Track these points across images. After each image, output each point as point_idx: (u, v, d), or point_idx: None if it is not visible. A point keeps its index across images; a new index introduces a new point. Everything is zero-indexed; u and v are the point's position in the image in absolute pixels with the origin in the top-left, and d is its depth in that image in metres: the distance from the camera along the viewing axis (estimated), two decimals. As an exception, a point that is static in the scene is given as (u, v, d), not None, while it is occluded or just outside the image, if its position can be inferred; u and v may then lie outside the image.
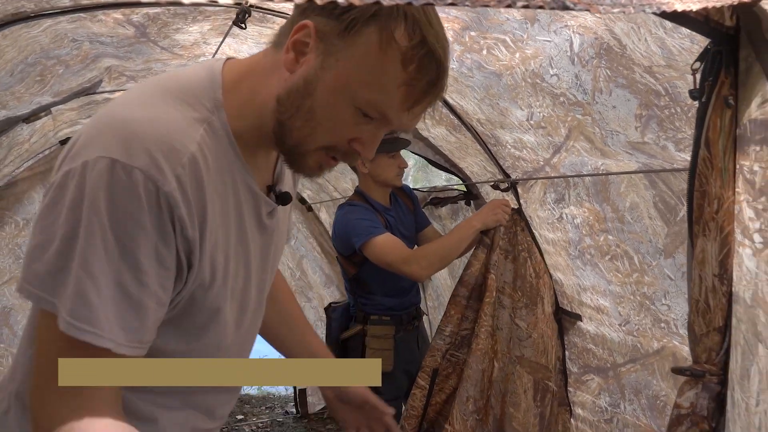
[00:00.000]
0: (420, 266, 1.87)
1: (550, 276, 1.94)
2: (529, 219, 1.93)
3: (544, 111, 1.57)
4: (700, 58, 0.74)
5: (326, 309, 2.38)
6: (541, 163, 1.74)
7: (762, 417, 0.69)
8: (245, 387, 5.30)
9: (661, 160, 1.35)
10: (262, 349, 1.14)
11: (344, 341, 2.19)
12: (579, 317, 1.88)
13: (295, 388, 4.06)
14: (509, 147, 1.81)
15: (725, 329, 0.75)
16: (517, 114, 1.67)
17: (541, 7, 0.50)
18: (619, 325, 1.70)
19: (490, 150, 1.87)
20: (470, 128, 1.83)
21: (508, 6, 0.48)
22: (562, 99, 1.48)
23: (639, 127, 1.33)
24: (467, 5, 0.46)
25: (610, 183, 1.57)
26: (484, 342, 1.85)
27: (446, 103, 1.81)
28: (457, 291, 1.89)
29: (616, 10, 0.53)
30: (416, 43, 0.64)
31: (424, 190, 2.64)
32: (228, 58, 0.77)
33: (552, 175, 1.73)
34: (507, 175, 1.91)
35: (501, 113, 1.71)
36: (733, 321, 0.74)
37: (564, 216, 1.77)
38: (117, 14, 1.60)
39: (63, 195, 0.61)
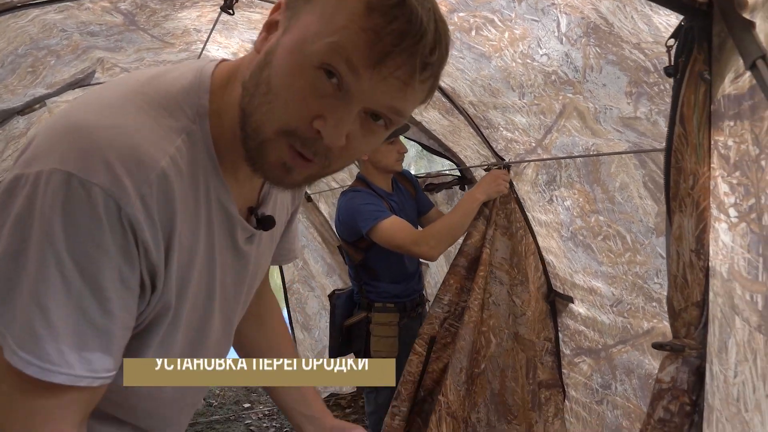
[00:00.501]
0: (429, 246, 1.87)
1: (541, 258, 1.94)
2: (522, 201, 1.94)
3: (536, 90, 1.56)
4: (674, 34, 0.73)
5: (330, 296, 2.39)
6: (533, 144, 1.74)
7: (740, 388, 0.70)
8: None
9: (651, 138, 1.35)
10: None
11: (348, 328, 2.21)
12: (571, 299, 1.89)
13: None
14: (501, 129, 1.81)
15: (703, 304, 0.75)
16: (509, 94, 1.66)
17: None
18: (611, 305, 1.71)
19: (482, 133, 1.87)
20: (462, 111, 1.83)
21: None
22: (553, 77, 1.47)
23: (630, 102, 1.33)
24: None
25: (600, 164, 1.57)
26: (476, 314, 1.86)
27: (438, 87, 1.80)
28: (456, 261, 1.91)
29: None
30: None
31: (420, 176, 2.65)
32: (222, 60, 0.69)
33: (544, 156, 1.73)
34: (500, 158, 1.91)
35: (493, 94, 1.70)
36: (711, 295, 0.74)
37: (554, 198, 1.78)
38: (104, 2, 1.60)
39: (10, 203, 0.54)
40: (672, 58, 0.73)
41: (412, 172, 2.46)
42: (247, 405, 4.15)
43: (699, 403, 0.77)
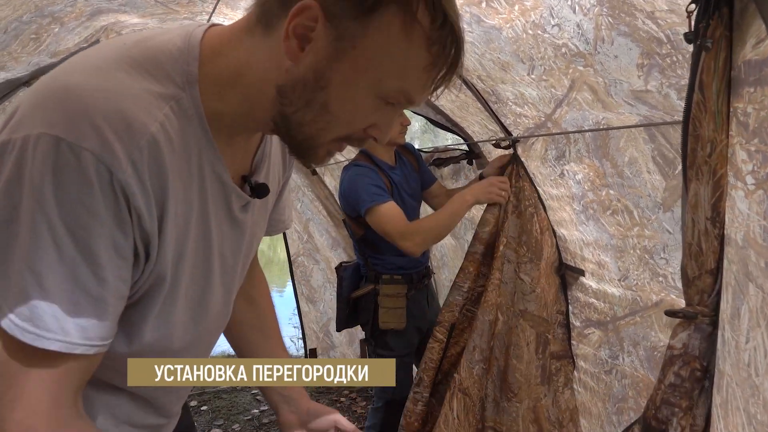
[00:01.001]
0: (414, 243, 1.90)
1: (554, 232, 1.95)
2: (532, 176, 1.93)
3: (546, 63, 1.55)
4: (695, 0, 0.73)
5: (337, 268, 2.41)
6: (543, 118, 1.73)
7: (751, 353, 0.71)
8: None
9: (662, 111, 1.34)
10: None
11: (355, 300, 2.23)
12: (582, 272, 1.90)
13: (305, 348, 4.15)
14: (510, 103, 1.80)
15: (717, 271, 0.76)
16: (518, 68, 1.65)
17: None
18: (619, 280, 1.72)
19: (490, 107, 1.86)
20: (471, 86, 1.81)
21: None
22: (564, 50, 1.46)
23: (641, 75, 1.31)
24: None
25: (609, 138, 1.56)
26: (492, 295, 1.89)
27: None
28: (474, 248, 1.92)
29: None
30: (440, 24, 0.57)
31: (428, 150, 2.64)
32: (212, 25, 0.67)
33: (553, 131, 1.72)
34: (509, 133, 1.90)
35: (502, 68, 1.69)
36: (725, 263, 0.75)
37: (565, 173, 1.77)
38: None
39: None
40: (692, 24, 0.73)
41: (418, 147, 2.46)
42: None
43: (710, 369, 0.78)
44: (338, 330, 2.39)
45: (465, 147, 2.26)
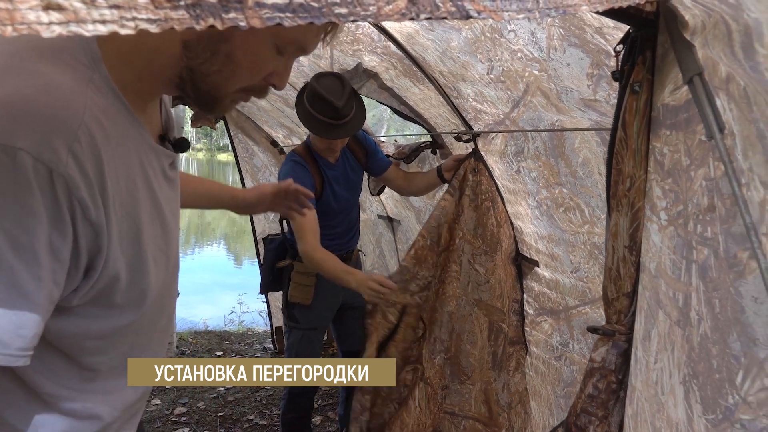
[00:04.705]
0: (304, 258, 2.04)
1: (511, 224, 2.02)
2: (491, 170, 1.98)
3: (504, 65, 1.58)
4: (622, 41, 0.76)
5: (264, 239, 2.62)
6: (501, 116, 1.77)
7: (659, 373, 0.78)
8: (226, 324, 5.47)
9: (611, 118, 1.39)
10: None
11: (280, 269, 2.36)
12: (536, 263, 1.97)
13: (271, 324, 4.21)
14: (471, 100, 1.83)
15: (633, 295, 0.82)
16: (478, 67, 1.67)
17: (444, 18, 0.52)
18: (571, 272, 1.80)
19: (452, 102, 1.89)
20: (433, 80, 1.83)
21: (411, 19, 0.50)
22: (519, 55, 1.49)
23: (591, 85, 1.36)
24: (369, 21, 0.48)
25: (565, 138, 1.61)
26: (450, 287, 1.95)
27: (409, 56, 1.80)
28: (422, 234, 1.97)
29: (521, 16, 0.55)
30: None
31: (391, 137, 2.66)
32: None
33: (512, 128, 1.76)
34: (470, 127, 1.94)
35: (462, 66, 1.71)
36: (640, 288, 0.81)
37: (521, 169, 1.82)
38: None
39: None
40: (619, 64, 0.77)
41: (384, 132, 2.47)
42: (219, 353, 4.28)
43: (624, 383, 0.85)
44: (261, 293, 2.61)
45: (428, 137, 2.30)
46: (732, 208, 0.62)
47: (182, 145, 0.79)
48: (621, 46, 0.77)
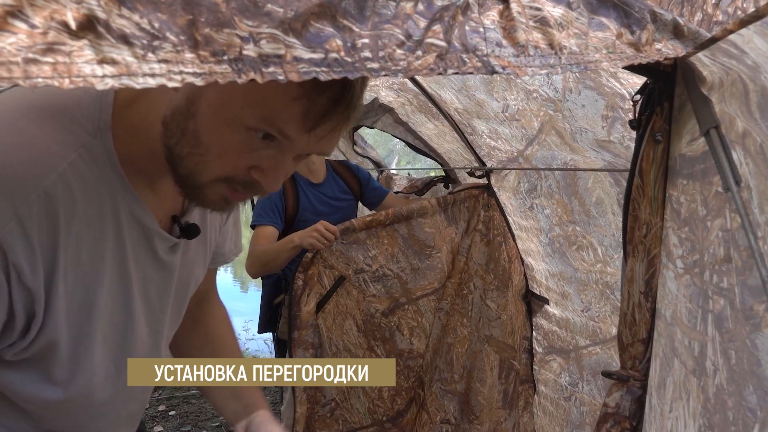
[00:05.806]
0: (247, 264, 1.97)
1: (522, 261, 2.02)
2: (503, 206, 2.00)
3: (519, 104, 1.61)
4: (640, 91, 0.78)
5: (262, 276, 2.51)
6: (515, 153, 1.79)
7: (673, 422, 0.77)
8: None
9: (625, 159, 1.41)
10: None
11: (276, 306, 2.29)
12: (547, 301, 1.96)
13: (276, 353, 4.16)
14: (485, 137, 1.85)
15: (648, 341, 0.82)
16: (493, 105, 1.70)
17: (470, 73, 0.53)
18: (582, 311, 1.79)
19: (466, 138, 1.91)
20: (448, 116, 1.87)
21: (439, 74, 0.52)
22: (535, 95, 1.52)
23: (605, 126, 1.38)
24: (400, 76, 0.50)
25: (578, 177, 1.63)
26: (453, 320, 1.94)
27: (425, 92, 1.84)
28: (386, 214, 1.94)
29: (544, 71, 0.57)
30: None
31: (398, 174, 2.69)
32: None
33: (525, 166, 1.78)
34: (483, 163, 1.96)
35: (478, 104, 1.74)
36: (655, 334, 0.81)
37: (534, 206, 1.83)
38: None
39: None
40: (636, 113, 0.78)
41: (398, 165, 2.50)
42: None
43: (638, 430, 0.84)
44: (259, 332, 2.48)
45: (441, 172, 2.32)
46: (748, 260, 0.63)
47: (190, 231, 0.74)
48: (639, 96, 0.78)
